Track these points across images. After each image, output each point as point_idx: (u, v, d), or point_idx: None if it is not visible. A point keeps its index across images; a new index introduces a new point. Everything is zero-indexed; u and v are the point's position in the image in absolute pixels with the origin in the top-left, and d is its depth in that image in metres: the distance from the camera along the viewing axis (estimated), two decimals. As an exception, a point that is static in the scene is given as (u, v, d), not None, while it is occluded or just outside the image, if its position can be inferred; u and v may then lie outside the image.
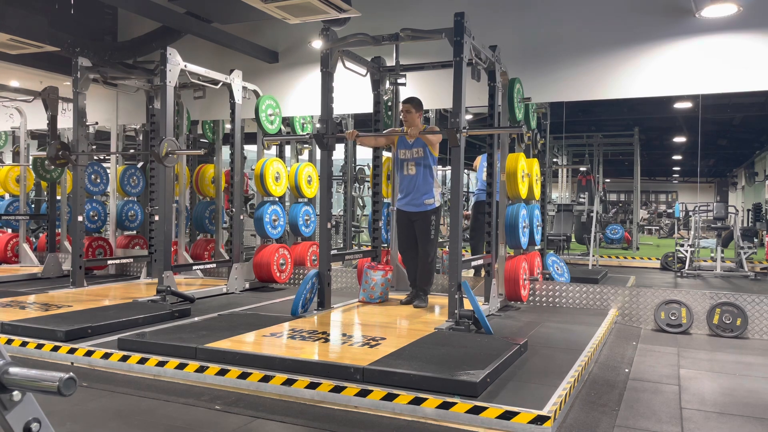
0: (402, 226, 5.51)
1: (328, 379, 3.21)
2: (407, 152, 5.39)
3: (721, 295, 5.16)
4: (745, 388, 3.59)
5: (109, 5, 7.70)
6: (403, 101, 5.35)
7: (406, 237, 5.49)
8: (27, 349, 4.03)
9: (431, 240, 5.33)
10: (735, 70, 5.36)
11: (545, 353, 4.00)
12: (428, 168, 5.31)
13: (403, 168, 5.41)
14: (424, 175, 5.32)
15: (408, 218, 5.41)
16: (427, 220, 5.30)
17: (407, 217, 5.41)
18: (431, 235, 5.32)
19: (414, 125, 5.20)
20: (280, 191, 7.01)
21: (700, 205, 9.94)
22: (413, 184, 5.33)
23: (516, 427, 2.75)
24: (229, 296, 6.35)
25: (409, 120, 5.25)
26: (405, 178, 5.40)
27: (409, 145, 5.36)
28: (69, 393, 1.13)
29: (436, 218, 5.34)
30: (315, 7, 5.24)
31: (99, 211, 7.90)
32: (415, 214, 5.35)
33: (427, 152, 5.29)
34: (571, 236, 11.54)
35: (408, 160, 5.36)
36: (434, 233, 5.33)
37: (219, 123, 7.88)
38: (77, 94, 6.38)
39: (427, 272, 5.38)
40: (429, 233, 5.32)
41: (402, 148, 5.42)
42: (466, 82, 4.50)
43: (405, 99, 5.38)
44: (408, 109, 5.27)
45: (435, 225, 5.32)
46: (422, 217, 5.32)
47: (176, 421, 2.96)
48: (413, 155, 5.34)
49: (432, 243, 5.34)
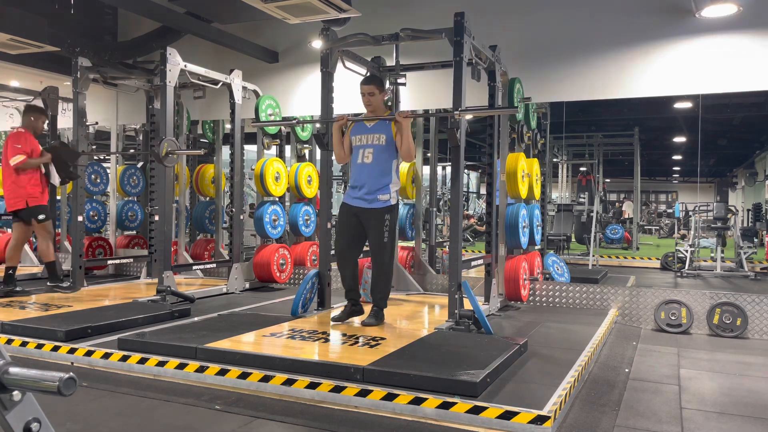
0: (345, 224, 4.55)
1: (328, 379, 3.21)
2: (364, 137, 4.52)
3: (721, 295, 5.16)
4: (745, 388, 3.59)
5: (109, 5, 7.70)
6: (363, 82, 4.57)
7: (348, 237, 4.54)
8: (27, 349, 4.03)
9: (385, 244, 4.43)
10: (735, 70, 5.36)
11: (545, 353, 4.00)
12: (389, 160, 4.47)
13: (358, 155, 4.53)
14: (382, 167, 4.45)
15: (355, 216, 4.48)
16: (379, 219, 4.40)
17: (354, 214, 4.49)
18: (385, 238, 4.43)
19: (379, 109, 4.59)
20: (280, 191, 7.01)
21: (700, 205, 9.95)
22: (368, 176, 4.45)
23: (516, 427, 2.75)
24: (229, 296, 6.35)
25: (373, 103, 4.53)
26: (358, 168, 4.50)
27: (366, 128, 4.54)
28: (69, 393, 1.13)
29: (391, 218, 4.45)
30: (315, 7, 5.23)
31: (99, 211, 7.90)
32: (365, 211, 4.44)
33: (390, 140, 4.44)
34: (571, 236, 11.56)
35: (365, 147, 4.49)
36: (389, 236, 4.44)
37: (219, 123, 7.88)
38: (77, 94, 6.38)
39: (381, 282, 4.51)
40: (382, 235, 4.42)
41: (358, 133, 4.56)
42: (466, 82, 4.50)
43: (364, 79, 4.62)
44: (371, 90, 4.50)
45: (390, 227, 4.43)
46: (374, 215, 4.42)
47: (176, 421, 2.96)
48: (372, 141, 4.48)
49: (386, 248, 4.44)
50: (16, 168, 5.66)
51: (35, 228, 5.75)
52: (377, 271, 4.54)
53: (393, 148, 4.46)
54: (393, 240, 4.53)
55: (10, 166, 5.66)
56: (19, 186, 5.67)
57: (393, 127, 4.44)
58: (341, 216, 4.60)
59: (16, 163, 5.64)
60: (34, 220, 5.70)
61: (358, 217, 4.48)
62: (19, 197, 5.66)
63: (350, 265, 4.59)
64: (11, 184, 5.69)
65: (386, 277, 4.55)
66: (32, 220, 5.71)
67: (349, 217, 4.52)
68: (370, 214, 4.44)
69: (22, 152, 5.67)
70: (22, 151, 5.68)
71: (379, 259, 4.49)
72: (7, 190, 5.72)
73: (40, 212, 5.76)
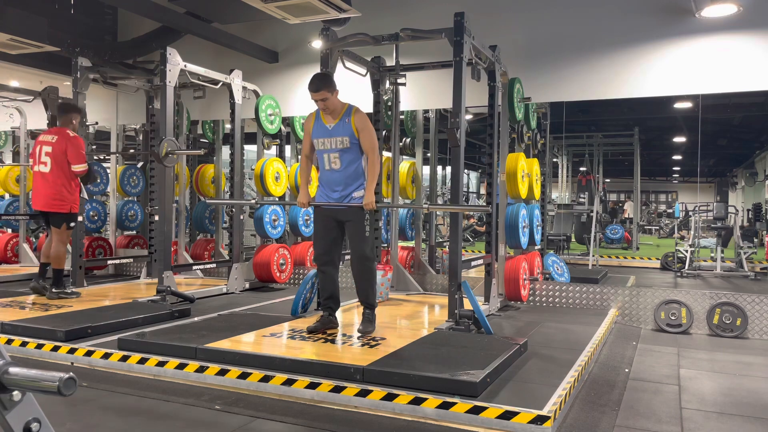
0: (321, 227, 4.35)
1: (328, 379, 3.21)
2: (327, 141, 4.22)
3: (721, 295, 5.16)
4: (745, 388, 3.59)
5: (109, 5, 7.71)
6: (312, 89, 4.12)
7: (327, 240, 4.33)
8: (27, 349, 4.03)
9: (366, 239, 4.34)
10: (735, 70, 5.36)
11: (545, 353, 4.00)
12: (357, 160, 4.23)
13: (323, 161, 4.28)
14: (352, 170, 4.22)
15: (332, 217, 4.28)
16: (358, 214, 4.22)
17: (331, 215, 4.29)
18: (366, 232, 4.40)
19: (336, 108, 4.20)
20: (280, 191, 7.01)
21: (700, 205, 9.95)
22: (339, 180, 4.24)
23: (516, 427, 2.75)
24: (229, 296, 6.35)
25: (329, 106, 4.16)
26: (327, 174, 4.28)
27: (327, 131, 4.22)
28: (69, 393, 1.13)
29: (369, 213, 4.41)
30: (315, 7, 5.24)
31: (99, 211, 7.90)
32: (342, 211, 4.24)
33: (353, 140, 4.17)
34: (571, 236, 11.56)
35: (329, 152, 4.22)
36: (368, 230, 4.38)
37: (219, 123, 7.88)
38: (77, 94, 6.38)
39: (366, 280, 4.31)
40: (363, 230, 4.33)
41: (320, 136, 4.24)
42: (466, 82, 4.50)
43: (311, 85, 4.12)
44: (323, 97, 4.10)
45: (369, 221, 4.40)
46: (352, 212, 4.21)
47: (176, 421, 2.96)
48: (335, 145, 4.19)
49: (367, 242, 4.34)
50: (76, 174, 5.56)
51: (60, 232, 5.59)
52: (360, 266, 4.29)
53: (358, 148, 4.21)
54: (372, 233, 4.37)
55: (60, 167, 5.47)
56: (70, 191, 5.53)
57: (353, 124, 4.14)
58: (317, 220, 4.39)
59: (82, 170, 5.56)
60: (65, 225, 5.60)
61: (336, 218, 4.28)
62: (65, 201, 5.50)
63: (331, 270, 4.37)
64: (59, 187, 5.48)
65: (370, 272, 4.32)
66: (63, 225, 5.59)
67: (325, 220, 4.31)
68: (348, 212, 4.23)
69: (85, 160, 5.59)
70: (85, 159, 5.59)
71: (361, 253, 4.25)
72: (50, 190, 5.49)
73: (74, 219, 5.70)
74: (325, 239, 4.34)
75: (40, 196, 5.55)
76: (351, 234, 4.28)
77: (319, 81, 4.13)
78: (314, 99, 4.16)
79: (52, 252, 5.60)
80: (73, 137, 5.56)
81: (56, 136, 5.53)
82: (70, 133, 5.57)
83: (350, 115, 4.18)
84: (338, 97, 4.24)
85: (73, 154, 5.49)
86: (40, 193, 5.55)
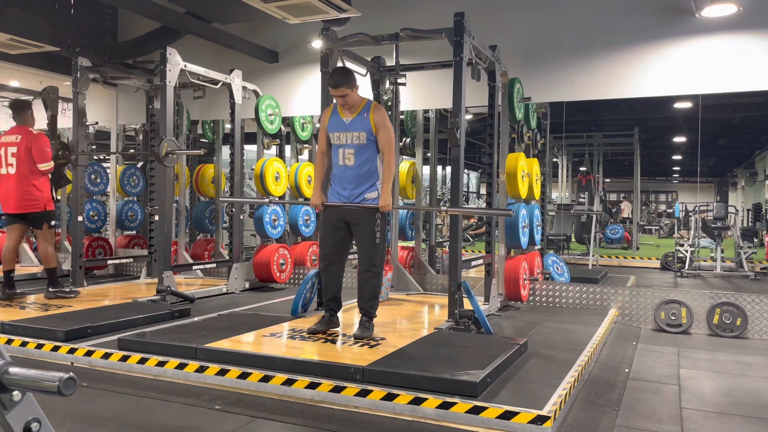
0: (330, 227, 4.20)
1: (328, 379, 3.21)
2: (343, 136, 4.11)
3: (721, 295, 5.16)
4: (745, 388, 3.59)
5: (109, 5, 7.71)
6: (332, 86, 4.02)
7: (334, 241, 4.21)
8: (27, 349, 4.03)
9: (376, 246, 4.08)
10: (735, 70, 5.36)
11: (545, 353, 4.00)
12: (372, 158, 4.09)
13: (338, 156, 4.14)
14: (367, 167, 4.09)
15: (342, 217, 4.13)
16: (369, 218, 4.06)
17: (341, 215, 4.14)
18: (376, 239, 4.08)
19: (356, 104, 4.09)
20: (280, 191, 7.01)
21: (700, 205, 9.95)
22: (352, 177, 4.10)
23: (516, 427, 2.75)
24: (229, 296, 6.35)
25: (349, 102, 4.06)
26: (340, 170, 4.14)
27: (344, 125, 4.11)
28: (69, 393, 1.13)
29: (381, 218, 4.09)
30: (315, 7, 5.23)
31: (99, 211, 7.90)
32: (353, 211, 4.09)
33: (371, 137, 4.05)
34: (571, 236, 11.56)
35: (344, 147, 4.10)
36: (380, 237, 4.09)
37: (219, 123, 7.88)
38: (77, 94, 6.38)
39: (370, 289, 4.13)
40: (374, 236, 4.07)
41: (336, 130, 4.14)
42: (466, 82, 4.50)
43: (331, 82, 4.04)
44: (344, 93, 4.00)
45: (381, 227, 4.08)
46: (363, 215, 4.07)
47: (176, 421, 2.96)
48: (351, 140, 4.07)
49: (377, 249, 4.09)
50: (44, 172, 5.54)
51: (43, 233, 5.59)
52: (366, 276, 4.12)
53: (375, 146, 4.09)
54: (384, 242, 4.16)
55: (28, 167, 5.42)
56: (39, 189, 5.51)
57: (372, 120, 4.03)
58: (325, 219, 4.23)
59: (48, 168, 5.53)
60: (46, 225, 5.59)
61: (345, 219, 4.13)
62: (37, 200, 5.49)
63: (336, 271, 4.24)
64: (29, 186, 5.44)
65: (376, 282, 4.16)
66: (44, 225, 5.58)
67: (334, 220, 4.16)
68: (359, 214, 4.07)
69: (51, 157, 5.57)
70: (51, 156, 5.57)
71: (369, 263, 4.10)
72: (20, 191, 5.44)
73: (53, 217, 5.68)
74: (332, 239, 4.21)
75: (11, 198, 5.48)
76: (359, 238, 4.14)
77: (339, 76, 4.03)
78: (333, 95, 4.06)
79: (40, 252, 5.66)
80: (37, 135, 5.52)
81: (20, 135, 5.47)
82: (33, 131, 5.54)
83: (369, 111, 4.07)
84: (356, 97, 4.10)
85: (38, 153, 5.44)
86: (10, 195, 5.47)
